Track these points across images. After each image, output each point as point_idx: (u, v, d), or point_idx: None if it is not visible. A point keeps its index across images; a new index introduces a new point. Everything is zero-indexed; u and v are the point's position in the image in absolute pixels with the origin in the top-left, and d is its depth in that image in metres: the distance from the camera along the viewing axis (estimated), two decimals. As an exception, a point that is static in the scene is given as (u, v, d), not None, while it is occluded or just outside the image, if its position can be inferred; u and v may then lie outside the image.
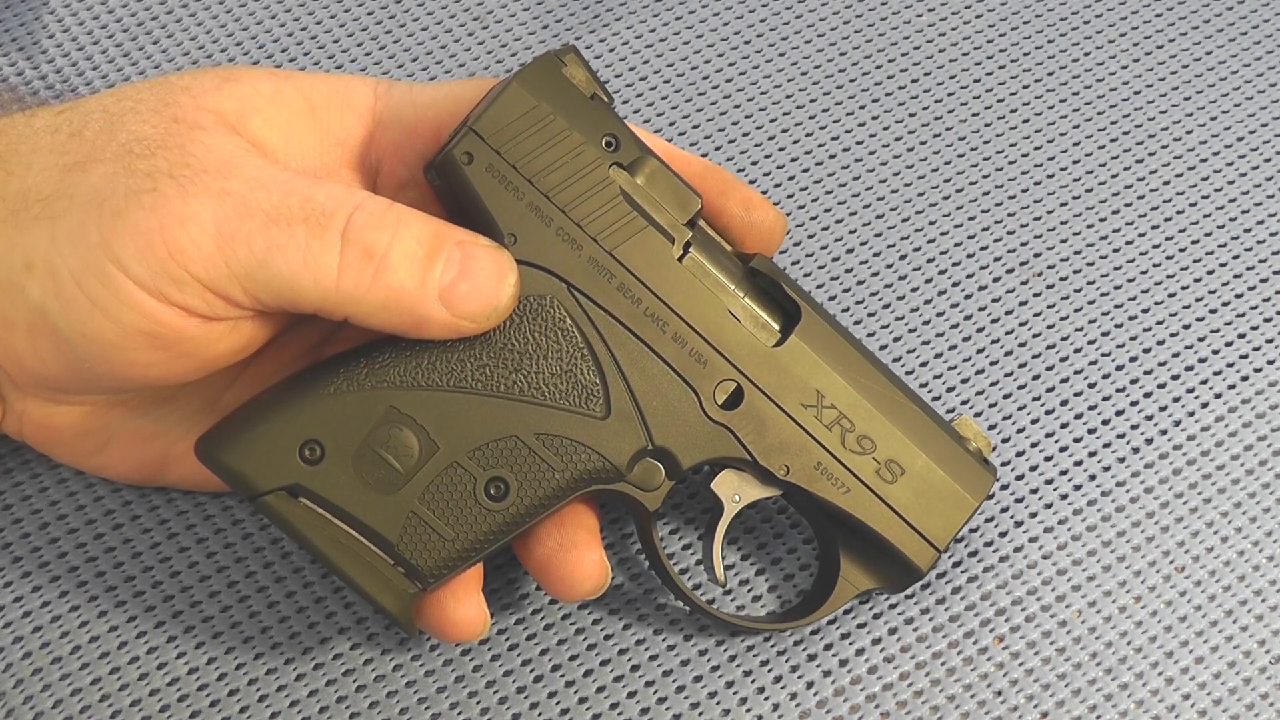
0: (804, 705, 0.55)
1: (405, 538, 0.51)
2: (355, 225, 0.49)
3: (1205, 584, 0.58)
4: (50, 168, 0.50)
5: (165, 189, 0.48)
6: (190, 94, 0.51)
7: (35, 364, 0.50)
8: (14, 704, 0.54)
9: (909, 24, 0.70)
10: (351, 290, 0.49)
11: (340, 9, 0.70)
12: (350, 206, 0.49)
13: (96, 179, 0.49)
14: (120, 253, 0.48)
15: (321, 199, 0.49)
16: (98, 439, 0.55)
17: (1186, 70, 0.69)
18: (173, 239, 0.48)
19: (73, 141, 0.50)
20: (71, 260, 0.48)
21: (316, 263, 0.48)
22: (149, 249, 0.48)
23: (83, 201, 0.48)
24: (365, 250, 0.49)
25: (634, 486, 0.53)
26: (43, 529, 0.57)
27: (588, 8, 0.71)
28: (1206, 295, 0.64)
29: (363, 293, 0.49)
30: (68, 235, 0.48)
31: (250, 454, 0.50)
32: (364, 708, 0.55)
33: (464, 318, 0.50)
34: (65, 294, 0.48)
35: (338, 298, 0.49)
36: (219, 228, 0.48)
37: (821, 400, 0.53)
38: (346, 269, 0.48)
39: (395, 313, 0.49)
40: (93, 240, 0.48)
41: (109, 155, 0.49)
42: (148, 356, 0.49)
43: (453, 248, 0.50)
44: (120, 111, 0.51)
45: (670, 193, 0.52)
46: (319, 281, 0.48)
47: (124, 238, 0.48)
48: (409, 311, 0.49)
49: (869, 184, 0.66)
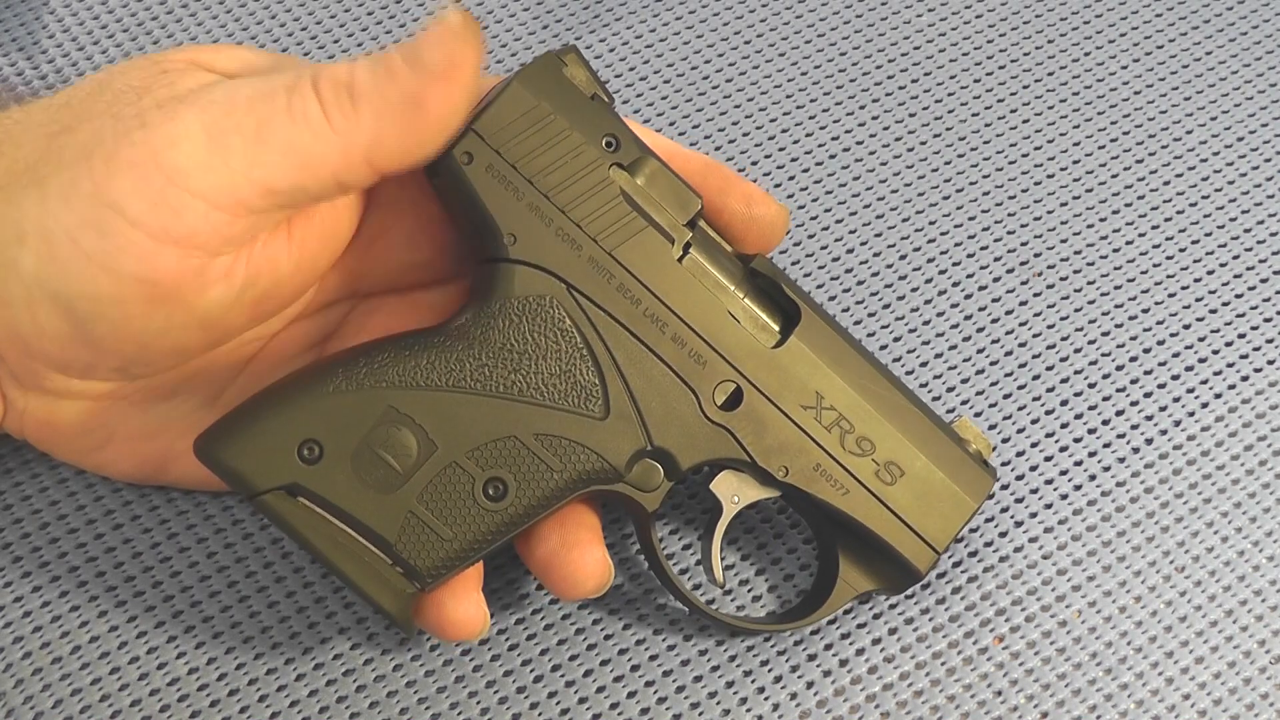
0: (804, 705, 0.55)
1: (404, 538, 0.51)
2: (321, 77, 0.49)
3: (1205, 584, 0.58)
4: (38, 139, 0.50)
5: (152, 119, 0.48)
6: (182, 51, 0.52)
7: (36, 339, 0.50)
8: (14, 704, 0.54)
9: (909, 24, 0.70)
10: (343, 123, 0.48)
11: (340, 9, 0.70)
12: (313, 70, 0.49)
13: (84, 135, 0.49)
14: (116, 194, 0.47)
15: (291, 74, 0.49)
16: (98, 436, 0.55)
17: (1186, 70, 0.69)
18: (167, 161, 0.47)
19: (62, 112, 0.50)
20: (65, 218, 0.48)
21: (305, 116, 0.48)
22: (144, 179, 0.47)
23: (71, 160, 0.48)
24: (333, 88, 0.48)
25: (633, 487, 0.53)
26: (43, 529, 0.57)
27: (588, 8, 0.71)
28: (1206, 295, 0.64)
29: (353, 121, 0.48)
30: (59, 194, 0.48)
31: (249, 453, 0.50)
32: (364, 708, 0.55)
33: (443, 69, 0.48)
34: (60, 255, 0.48)
35: (338, 139, 0.48)
36: (208, 131, 0.48)
37: (821, 401, 0.53)
38: (329, 110, 0.48)
39: (391, 114, 0.49)
40: (85, 191, 0.48)
41: (97, 112, 0.49)
42: (146, 309, 0.49)
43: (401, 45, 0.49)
44: (109, 75, 0.51)
45: (670, 193, 0.52)
46: (315, 132, 0.48)
47: (117, 177, 0.48)
48: (398, 103, 0.48)
49: (869, 184, 0.66)
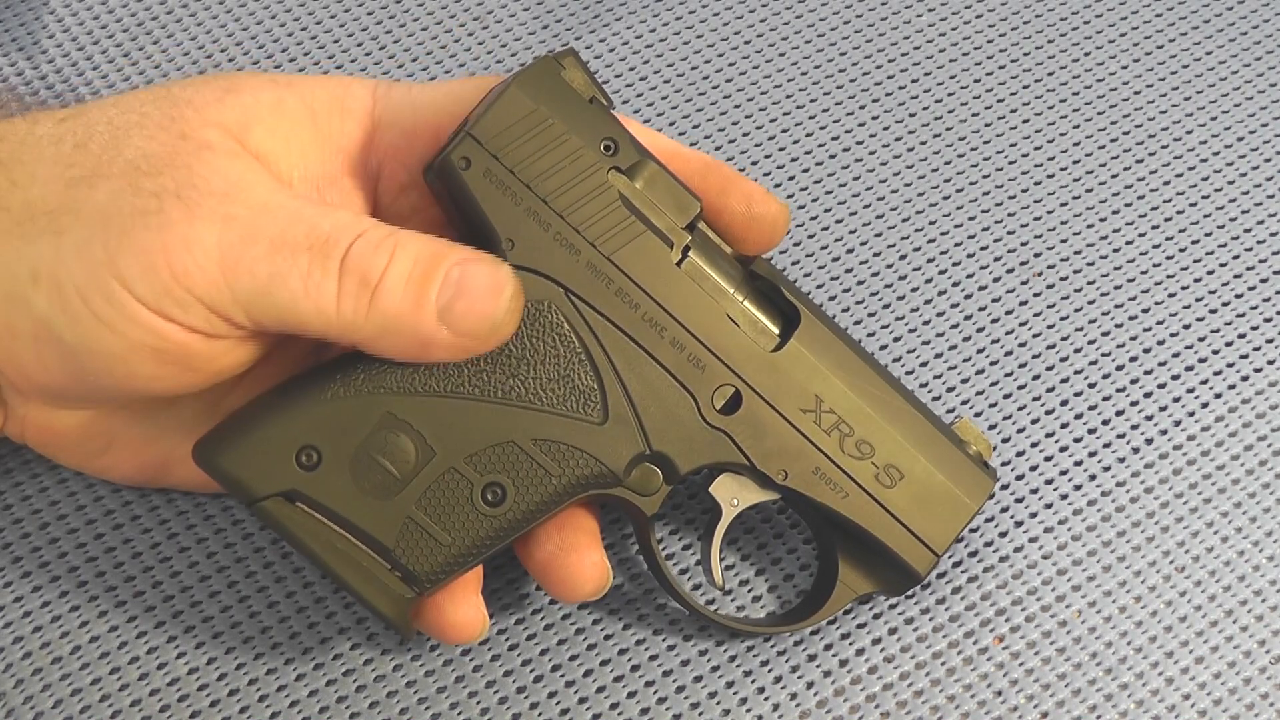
0: (804, 705, 0.55)
1: (402, 543, 0.50)
2: (354, 253, 0.49)
3: (1205, 584, 0.58)
4: (55, 180, 0.50)
5: (171, 210, 0.48)
6: (193, 107, 0.51)
7: (39, 374, 0.50)
8: (14, 704, 0.54)
9: (909, 24, 0.70)
10: (351, 317, 0.49)
11: (340, 9, 0.70)
12: (352, 234, 0.49)
13: (103, 196, 0.49)
14: (125, 271, 0.48)
15: (326, 227, 0.49)
16: (99, 443, 0.55)
17: (1186, 70, 0.69)
18: (177, 261, 0.48)
19: (78, 154, 0.50)
20: (77, 275, 0.48)
21: (318, 291, 0.48)
22: (153, 270, 0.48)
23: (89, 218, 0.48)
24: (362, 277, 0.48)
25: (631, 491, 0.52)
26: (43, 529, 0.58)
27: (588, 8, 0.70)
28: (1206, 295, 0.64)
29: (361, 319, 0.49)
30: (74, 250, 0.48)
31: (247, 459, 0.50)
32: (364, 708, 0.55)
33: (464, 335, 0.49)
34: (70, 308, 0.48)
35: (340, 326, 0.49)
36: (223, 253, 0.48)
37: (820, 405, 0.53)
38: (345, 296, 0.48)
39: (397, 336, 0.49)
40: (98, 257, 0.48)
41: (115, 171, 0.49)
42: (153, 370, 0.49)
43: (451, 267, 0.49)
44: (126, 125, 0.50)
45: (669, 197, 0.52)
46: (321, 309, 0.48)
47: (129, 257, 0.48)
48: (410, 334, 0.49)
49: (869, 184, 0.66)
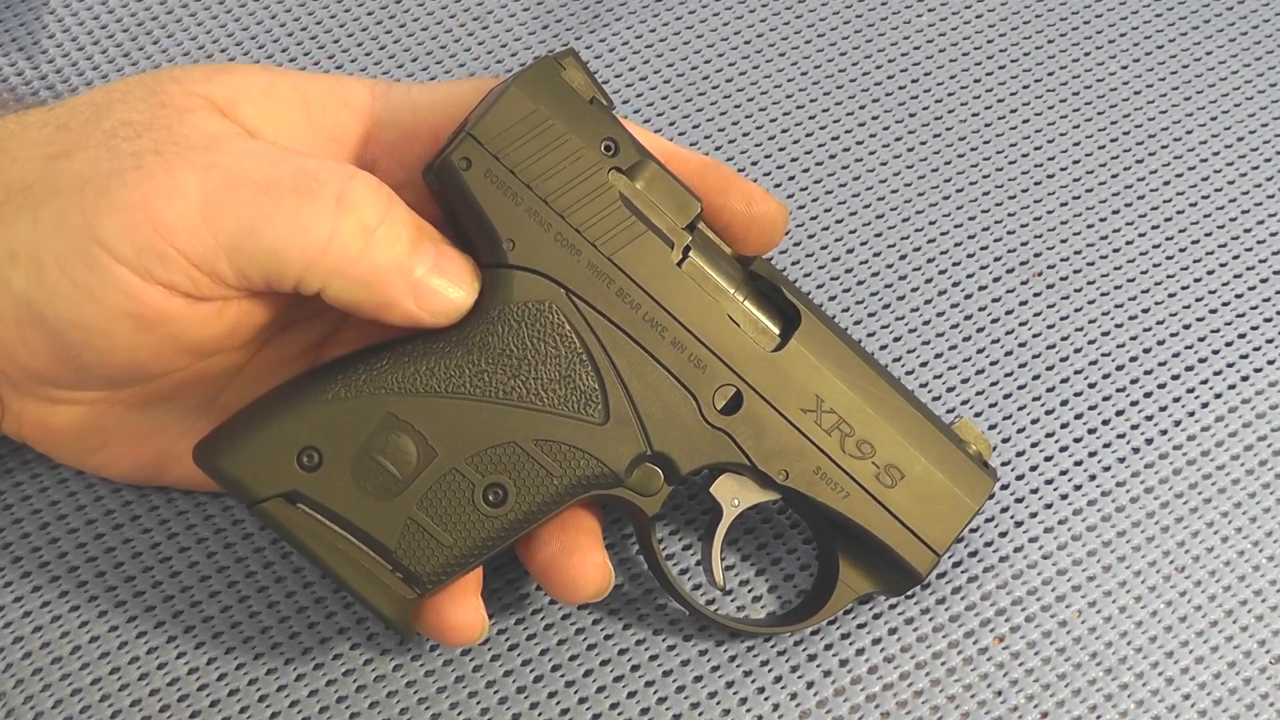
0: (804, 705, 0.55)
1: (403, 544, 0.50)
2: (352, 196, 0.49)
3: (1205, 584, 0.58)
4: (34, 159, 0.49)
5: (150, 165, 0.48)
6: (179, 82, 0.51)
7: (25, 356, 0.50)
8: (14, 704, 0.54)
9: (909, 24, 0.70)
10: (336, 263, 0.48)
11: (340, 9, 0.70)
12: (345, 176, 0.49)
13: (80, 164, 0.48)
14: (103, 232, 0.47)
15: (313, 167, 0.49)
16: (96, 439, 0.55)
17: (1186, 70, 0.69)
18: (157, 213, 0.47)
19: (59, 134, 0.50)
20: (55, 246, 0.48)
21: (306, 231, 0.48)
22: (133, 225, 0.47)
23: (65, 187, 0.48)
24: (361, 221, 0.48)
25: (632, 492, 0.52)
26: (43, 529, 0.57)
27: (588, 8, 0.70)
28: (1206, 295, 0.64)
29: (346, 265, 0.49)
30: (50, 220, 0.48)
31: (248, 460, 0.50)
32: (364, 708, 0.55)
33: (427, 311, 0.50)
34: (49, 281, 0.48)
35: (322, 270, 0.48)
36: (205, 200, 0.47)
37: (821, 405, 0.53)
38: (337, 238, 0.48)
39: (370, 291, 0.49)
40: (75, 223, 0.48)
41: (94, 142, 0.49)
42: (133, 340, 0.49)
43: (428, 243, 0.50)
44: (108, 102, 0.50)
45: (670, 197, 0.52)
46: (305, 251, 0.48)
47: (107, 216, 0.47)
48: (382, 293, 0.49)
49: (869, 184, 0.66)
